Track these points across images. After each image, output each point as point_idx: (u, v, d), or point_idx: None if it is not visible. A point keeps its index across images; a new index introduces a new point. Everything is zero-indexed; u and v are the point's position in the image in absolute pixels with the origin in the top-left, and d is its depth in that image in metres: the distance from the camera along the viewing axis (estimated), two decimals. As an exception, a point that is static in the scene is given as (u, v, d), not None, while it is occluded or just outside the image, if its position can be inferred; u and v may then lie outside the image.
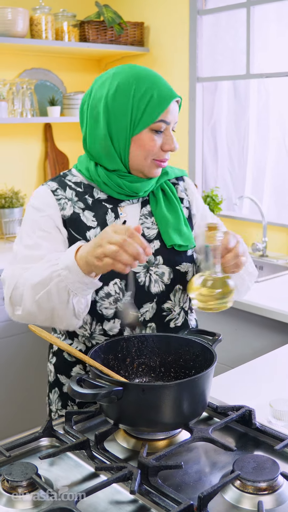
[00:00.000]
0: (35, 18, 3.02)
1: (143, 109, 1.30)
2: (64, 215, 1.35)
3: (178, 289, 1.40)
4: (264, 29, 2.91)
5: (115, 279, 1.33)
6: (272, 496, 0.95)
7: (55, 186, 1.39)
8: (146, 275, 1.36)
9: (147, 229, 1.40)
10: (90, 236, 1.35)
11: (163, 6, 3.27)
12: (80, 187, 1.39)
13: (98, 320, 1.36)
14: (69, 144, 3.57)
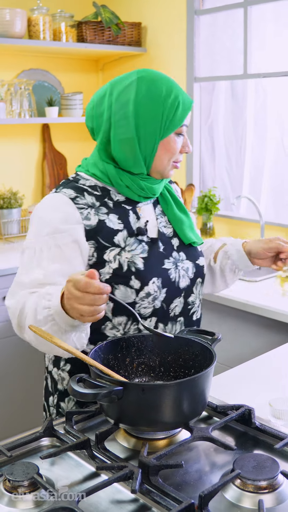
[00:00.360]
0: (33, 19, 3.02)
1: (173, 114, 1.35)
2: (89, 225, 1.33)
3: (198, 282, 1.47)
4: (261, 29, 2.92)
5: (153, 278, 1.36)
6: (272, 495, 0.95)
7: (73, 194, 1.35)
8: (175, 271, 1.41)
9: (164, 228, 1.45)
10: (119, 240, 1.35)
11: (161, 6, 3.27)
12: (97, 191, 1.39)
13: (135, 320, 1.37)
14: (67, 145, 3.57)
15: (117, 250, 1.34)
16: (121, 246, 1.35)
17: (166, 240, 1.43)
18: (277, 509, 0.94)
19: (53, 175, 3.50)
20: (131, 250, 1.35)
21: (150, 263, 1.36)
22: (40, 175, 3.51)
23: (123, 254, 1.34)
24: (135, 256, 1.35)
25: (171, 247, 1.43)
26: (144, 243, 1.38)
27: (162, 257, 1.40)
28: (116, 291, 1.33)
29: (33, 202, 3.47)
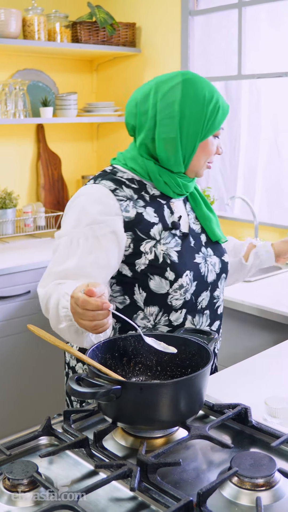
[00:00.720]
0: (28, 19, 3.02)
1: (214, 118, 1.42)
2: (128, 217, 1.39)
3: (223, 278, 1.55)
4: (255, 30, 2.94)
5: (186, 271, 1.43)
6: (269, 492, 0.96)
7: (112, 186, 1.41)
8: (205, 266, 1.49)
9: (193, 224, 1.53)
10: (154, 233, 1.42)
11: (155, 7, 3.28)
12: (134, 184, 1.45)
13: (166, 311, 1.43)
14: (61, 145, 3.57)
15: (152, 242, 1.41)
16: (157, 239, 1.42)
17: (196, 235, 1.51)
18: (274, 506, 0.95)
19: (47, 175, 3.51)
20: (165, 243, 1.42)
21: (183, 256, 1.44)
22: (35, 175, 3.51)
23: (158, 246, 1.41)
24: (169, 249, 1.42)
25: (200, 242, 1.51)
26: (177, 237, 1.45)
27: (193, 251, 1.48)
28: (151, 281, 1.41)
29: (27, 202, 3.47)
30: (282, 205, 2.98)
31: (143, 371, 1.27)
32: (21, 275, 2.74)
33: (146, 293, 1.41)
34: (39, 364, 2.85)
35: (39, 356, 2.84)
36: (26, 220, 3.26)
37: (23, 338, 2.76)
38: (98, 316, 1.10)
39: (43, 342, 2.76)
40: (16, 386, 2.78)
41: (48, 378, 2.88)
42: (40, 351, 2.83)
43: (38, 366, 2.85)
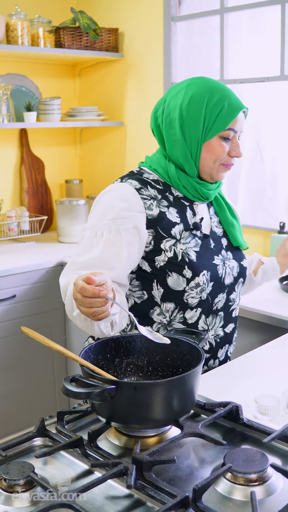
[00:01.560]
0: (11, 24, 3.03)
1: (214, 118, 1.44)
2: (151, 215, 1.45)
3: (240, 282, 1.60)
4: (237, 36, 2.98)
5: (203, 270, 1.47)
6: (262, 487, 0.99)
7: (138, 185, 1.48)
8: (223, 268, 1.52)
9: (216, 227, 1.58)
10: (175, 232, 1.47)
11: (138, 13, 3.31)
12: (159, 185, 1.51)
13: (181, 309, 1.48)
14: (44, 150, 3.58)
15: (172, 241, 1.46)
16: (177, 238, 1.47)
17: (217, 238, 1.56)
18: (267, 500, 0.97)
19: (31, 180, 3.51)
20: (185, 242, 1.47)
21: (202, 256, 1.49)
22: (18, 180, 3.50)
23: (178, 245, 1.46)
24: (188, 249, 1.47)
25: (220, 245, 1.56)
26: (197, 237, 1.50)
27: (213, 253, 1.52)
28: (169, 278, 1.46)
29: (11, 206, 3.46)
30: (265, 208, 3.03)
31: (134, 372, 1.29)
32: (6, 279, 2.73)
33: (163, 289, 1.47)
34: (26, 368, 2.84)
35: (26, 360, 2.83)
36: (10, 225, 3.26)
37: (10, 342, 2.76)
38: (96, 303, 1.15)
39: (29, 346, 2.78)
40: (3, 390, 2.77)
41: (36, 381, 2.88)
42: (27, 355, 2.83)
43: (25, 370, 2.84)
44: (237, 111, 1.46)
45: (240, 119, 1.48)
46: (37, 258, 2.91)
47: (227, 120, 1.45)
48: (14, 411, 2.79)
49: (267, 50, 2.85)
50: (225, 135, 1.46)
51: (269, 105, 2.95)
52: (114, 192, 1.46)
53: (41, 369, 2.89)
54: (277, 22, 2.75)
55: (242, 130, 1.51)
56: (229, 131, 1.46)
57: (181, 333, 1.33)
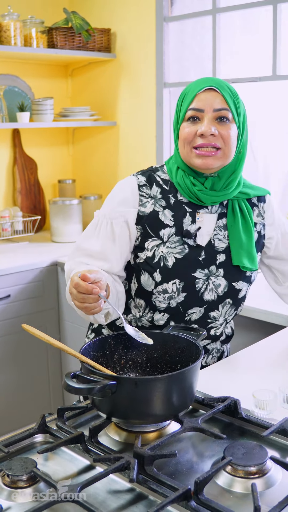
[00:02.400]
0: (4, 25, 3.03)
1: (180, 106, 1.45)
2: (142, 212, 1.46)
3: (228, 303, 1.51)
4: (229, 36, 3.00)
5: (175, 279, 1.44)
6: (262, 480, 1.00)
7: (143, 182, 1.49)
8: (205, 283, 1.46)
9: (218, 241, 1.49)
10: (163, 234, 1.46)
11: (130, 13, 3.32)
12: (167, 185, 1.50)
13: (151, 309, 1.49)
14: (37, 150, 3.58)
15: (158, 241, 1.46)
16: (163, 240, 1.46)
17: (213, 252, 1.48)
18: (266, 492, 0.99)
19: (23, 180, 3.51)
20: (170, 246, 1.45)
21: (180, 265, 1.44)
22: (11, 180, 3.50)
23: (160, 247, 1.45)
24: (169, 253, 1.45)
25: (212, 260, 1.48)
26: (186, 245, 1.45)
27: (197, 265, 1.46)
28: (142, 276, 1.47)
29: (4, 206, 3.46)
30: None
31: (133, 368, 1.30)
32: (0, 279, 2.73)
33: (137, 285, 1.49)
34: (20, 367, 2.85)
35: (21, 359, 2.83)
36: (3, 225, 3.26)
37: (5, 342, 2.76)
38: (88, 299, 1.21)
39: (24, 346, 2.78)
40: (13, 385, 2.80)
41: (31, 380, 2.88)
42: (22, 354, 2.83)
43: (20, 368, 2.84)
44: (195, 91, 1.42)
45: (205, 97, 1.41)
46: (31, 258, 2.91)
47: (186, 102, 1.43)
48: (10, 409, 2.80)
49: (259, 50, 2.88)
50: (189, 115, 1.43)
51: (261, 105, 2.97)
52: (119, 184, 1.51)
53: (35, 368, 2.89)
54: (269, 23, 2.77)
55: (216, 108, 1.41)
56: (191, 111, 1.42)
57: (179, 329, 1.34)
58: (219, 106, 1.41)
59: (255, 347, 1.74)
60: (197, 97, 1.42)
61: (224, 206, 1.51)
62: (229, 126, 1.42)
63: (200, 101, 1.41)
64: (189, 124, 1.42)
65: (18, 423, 2.74)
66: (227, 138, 1.41)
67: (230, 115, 1.42)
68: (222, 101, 1.41)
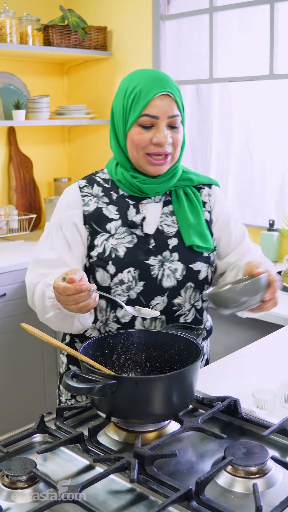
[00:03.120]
0: (0, 22, 3.01)
1: (130, 106, 1.40)
2: (86, 211, 1.46)
3: (190, 287, 1.46)
4: (226, 35, 2.99)
5: (129, 268, 1.43)
6: (263, 479, 1.00)
7: (83, 184, 1.50)
8: (160, 269, 1.44)
9: (167, 226, 1.48)
10: (110, 227, 1.45)
11: (127, 11, 3.31)
12: (108, 184, 1.50)
13: (112, 307, 1.46)
14: (33, 148, 3.57)
15: (106, 235, 1.45)
16: (111, 233, 1.45)
17: (162, 238, 1.46)
18: (267, 492, 0.98)
19: (19, 178, 3.49)
20: (119, 238, 1.44)
21: (132, 253, 1.44)
22: (7, 178, 3.49)
23: (110, 240, 1.44)
24: (119, 244, 1.44)
25: (164, 246, 1.46)
26: (135, 235, 1.45)
27: (149, 253, 1.45)
28: (97, 273, 1.45)
29: (-1, 205, 3.45)
30: (254, 206, 3.05)
31: (132, 368, 1.29)
32: (-4, 278, 2.72)
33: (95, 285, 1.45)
34: (16, 366, 2.83)
35: (16, 358, 2.82)
36: (-1, 223, 3.24)
37: (19, 336, 2.76)
38: (81, 298, 1.19)
39: (20, 344, 2.77)
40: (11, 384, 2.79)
41: (26, 379, 2.87)
42: (17, 353, 2.82)
43: (15, 367, 2.83)
44: (149, 95, 1.37)
45: (160, 104, 1.38)
46: (26, 256, 2.90)
47: (139, 106, 1.38)
48: (4, 408, 2.78)
49: (256, 49, 2.87)
50: (141, 123, 1.39)
51: (258, 104, 2.97)
52: (63, 192, 1.52)
53: (31, 366, 2.88)
54: (266, 21, 2.77)
55: (170, 115, 1.39)
56: (145, 117, 1.38)
57: (179, 328, 1.33)
58: (173, 113, 1.40)
59: (254, 346, 1.74)
60: (152, 102, 1.37)
61: (168, 194, 1.51)
62: (179, 130, 1.43)
63: (155, 108, 1.38)
64: (142, 130, 1.39)
65: (13, 422, 2.72)
66: (177, 143, 1.43)
67: (180, 119, 1.43)
68: (175, 107, 1.41)
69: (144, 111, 1.38)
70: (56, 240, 1.46)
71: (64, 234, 1.45)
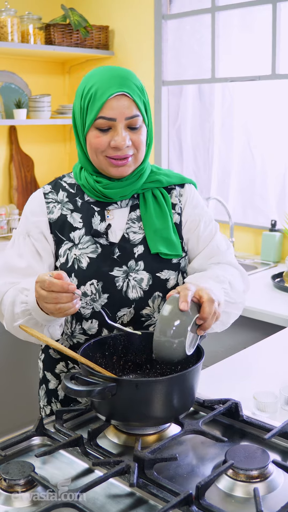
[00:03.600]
0: (1, 21, 3.00)
1: (86, 108, 1.32)
2: (51, 218, 1.39)
3: (157, 296, 1.38)
4: (228, 35, 2.98)
5: (92, 280, 1.35)
6: (264, 484, 0.98)
7: (48, 189, 1.42)
8: (125, 281, 1.36)
9: (133, 234, 1.39)
10: (74, 237, 1.38)
11: (128, 10, 3.30)
12: (73, 189, 1.43)
13: (78, 320, 1.39)
14: (34, 147, 3.56)
15: (69, 244, 1.38)
16: (75, 242, 1.38)
17: (127, 247, 1.38)
18: (268, 497, 0.97)
19: (20, 178, 3.48)
20: (82, 248, 1.37)
21: (95, 265, 1.36)
22: (7, 178, 3.48)
23: (73, 250, 1.38)
24: (83, 255, 1.37)
25: (129, 255, 1.38)
26: (99, 245, 1.37)
27: (114, 263, 1.37)
28: None
29: (0, 204, 3.44)
30: (256, 206, 3.03)
31: (133, 370, 1.28)
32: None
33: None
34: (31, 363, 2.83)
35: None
36: (-1, 223, 3.23)
37: (16, 337, 2.74)
38: (62, 299, 1.13)
39: (17, 346, 2.75)
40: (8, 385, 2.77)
41: (24, 381, 2.86)
42: (14, 354, 2.81)
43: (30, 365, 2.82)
44: (104, 96, 1.28)
45: (116, 105, 1.29)
46: (27, 256, 2.88)
47: (95, 108, 1.29)
48: (2, 410, 2.77)
49: (258, 49, 2.86)
50: (98, 126, 1.31)
51: (260, 103, 2.95)
52: (29, 199, 1.44)
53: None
54: (268, 21, 2.75)
55: (127, 116, 1.30)
56: (101, 120, 1.30)
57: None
58: (131, 113, 1.31)
59: (255, 348, 1.73)
60: (107, 104, 1.29)
61: (136, 198, 1.42)
62: (140, 131, 1.34)
63: (112, 110, 1.29)
64: (99, 133, 1.31)
65: (12, 424, 2.71)
66: (139, 144, 1.34)
67: (141, 119, 1.33)
68: (134, 107, 1.31)
69: (99, 113, 1.29)
70: (24, 248, 1.38)
71: (32, 243, 1.38)
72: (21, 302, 1.26)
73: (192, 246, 1.45)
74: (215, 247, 1.45)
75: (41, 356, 1.52)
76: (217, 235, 1.47)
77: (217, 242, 1.46)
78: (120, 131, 1.30)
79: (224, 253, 1.46)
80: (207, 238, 1.45)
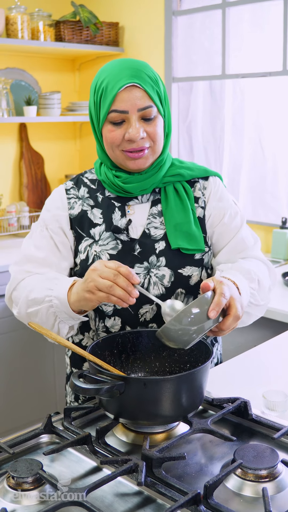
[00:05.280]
0: (11, 18, 3.00)
1: (99, 103, 1.32)
2: (72, 214, 1.40)
3: (180, 293, 1.36)
4: (239, 30, 2.96)
5: None
6: (273, 483, 0.98)
7: (70, 185, 1.44)
8: (146, 277, 1.35)
9: (154, 229, 1.37)
10: (94, 233, 1.38)
11: (139, 7, 3.29)
12: (94, 185, 1.43)
13: (100, 317, 1.39)
14: (44, 144, 3.56)
15: (90, 241, 1.38)
16: (95, 238, 1.38)
17: (149, 243, 1.36)
18: (277, 497, 0.96)
19: (30, 175, 3.49)
20: (102, 244, 1.36)
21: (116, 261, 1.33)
22: (18, 175, 3.48)
23: (93, 246, 1.37)
24: (103, 251, 1.36)
25: (151, 251, 1.36)
26: (119, 241, 1.36)
27: (134, 260, 1.35)
28: None
29: (10, 201, 3.44)
30: (267, 204, 3.02)
31: (141, 368, 1.27)
32: (6, 275, 2.71)
33: None
34: (26, 364, 2.83)
35: (27, 356, 2.82)
36: (9, 220, 3.24)
37: (11, 338, 2.75)
38: (119, 280, 1.14)
39: (30, 343, 2.76)
40: (3, 387, 2.77)
41: (37, 378, 2.87)
42: (28, 351, 2.82)
43: (26, 366, 2.83)
44: (115, 89, 1.27)
45: (127, 97, 1.27)
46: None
47: (107, 102, 1.28)
48: (14, 407, 2.78)
49: (269, 45, 2.84)
50: (111, 119, 1.29)
51: (271, 100, 2.93)
52: (51, 194, 1.46)
53: (41, 366, 2.88)
54: (279, 17, 2.73)
55: (140, 107, 1.28)
56: (113, 113, 1.28)
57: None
58: (144, 105, 1.28)
59: (265, 346, 1.72)
60: (119, 96, 1.27)
61: (157, 192, 1.40)
62: (155, 122, 1.31)
63: (123, 102, 1.27)
64: (113, 127, 1.30)
65: (23, 422, 2.73)
66: (154, 135, 1.31)
67: (155, 110, 1.30)
68: (146, 98, 1.28)
69: (112, 106, 1.28)
70: (41, 240, 1.39)
71: (50, 235, 1.39)
72: (47, 288, 1.28)
73: (217, 239, 1.42)
74: (241, 241, 1.42)
75: (68, 353, 1.54)
76: (243, 229, 1.43)
77: (243, 235, 1.42)
78: (133, 123, 1.28)
79: (252, 247, 1.43)
80: (232, 231, 1.41)
